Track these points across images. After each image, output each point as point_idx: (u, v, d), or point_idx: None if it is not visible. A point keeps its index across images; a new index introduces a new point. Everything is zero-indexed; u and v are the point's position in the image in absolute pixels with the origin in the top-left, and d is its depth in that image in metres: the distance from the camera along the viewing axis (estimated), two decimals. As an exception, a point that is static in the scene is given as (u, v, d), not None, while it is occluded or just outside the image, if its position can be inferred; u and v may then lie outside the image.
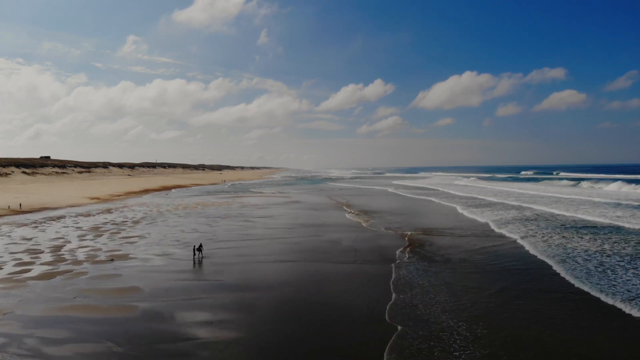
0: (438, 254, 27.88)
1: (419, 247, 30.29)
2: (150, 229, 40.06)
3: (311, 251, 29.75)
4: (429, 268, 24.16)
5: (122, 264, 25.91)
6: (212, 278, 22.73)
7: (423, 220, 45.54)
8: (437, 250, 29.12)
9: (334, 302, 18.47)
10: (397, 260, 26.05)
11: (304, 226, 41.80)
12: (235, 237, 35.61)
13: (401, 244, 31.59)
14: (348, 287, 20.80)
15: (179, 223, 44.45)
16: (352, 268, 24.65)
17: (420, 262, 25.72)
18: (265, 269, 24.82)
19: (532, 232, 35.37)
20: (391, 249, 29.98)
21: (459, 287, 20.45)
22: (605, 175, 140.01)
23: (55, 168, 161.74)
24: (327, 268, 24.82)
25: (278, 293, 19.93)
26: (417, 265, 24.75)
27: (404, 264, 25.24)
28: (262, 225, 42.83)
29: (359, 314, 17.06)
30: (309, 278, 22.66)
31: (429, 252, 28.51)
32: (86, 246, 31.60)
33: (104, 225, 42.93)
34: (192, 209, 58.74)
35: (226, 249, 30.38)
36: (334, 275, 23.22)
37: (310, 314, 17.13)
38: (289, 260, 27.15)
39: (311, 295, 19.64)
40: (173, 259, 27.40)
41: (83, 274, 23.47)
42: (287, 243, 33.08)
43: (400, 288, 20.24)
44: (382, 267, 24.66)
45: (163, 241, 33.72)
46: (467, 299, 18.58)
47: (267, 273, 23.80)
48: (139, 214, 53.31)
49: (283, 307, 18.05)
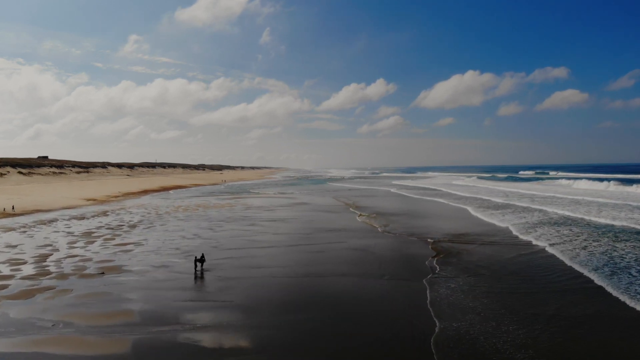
0: (471, 266, 24.55)
1: (447, 257, 27.00)
2: (147, 234, 36.74)
3: (332, 262, 26.32)
4: (467, 284, 20.81)
5: (113, 278, 22.59)
6: (217, 298, 19.38)
7: (440, 224, 42.23)
8: (469, 261, 25.80)
9: (366, 333, 15.14)
10: (429, 274, 22.72)
11: (319, 231, 38.37)
12: (242, 245, 32.26)
13: (427, 253, 28.30)
14: (380, 311, 17.48)
15: (178, 227, 41.14)
16: (381, 285, 21.23)
17: (456, 276, 22.34)
18: (280, 285, 21.39)
19: (559, 239, 32.01)
20: (418, 259, 26.68)
21: (508, 310, 17.14)
22: (606, 175, 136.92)
23: (52, 168, 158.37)
24: (352, 285, 21.40)
25: (299, 319, 16.61)
26: (455, 281, 21.35)
27: (439, 278, 21.91)
28: (271, 230, 39.48)
29: (400, 349, 13.76)
30: (334, 298, 19.20)
31: (461, 264, 25.19)
32: (75, 255, 28.29)
33: (98, 229, 39.61)
34: (192, 212, 55.44)
35: (232, 260, 27.04)
36: (362, 294, 19.80)
37: (342, 352, 13.84)
38: (307, 274, 23.69)
39: (339, 322, 16.29)
40: (172, 271, 24.08)
41: (67, 292, 20.14)
42: (303, 252, 29.67)
43: (445, 312, 16.90)
44: (415, 283, 21.28)
45: (161, 249, 30.41)
46: (534, 328, 15.25)
47: (283, 292, 20.32)
48: (136, 216, 50.01)
49: (307, 339, 14.74)
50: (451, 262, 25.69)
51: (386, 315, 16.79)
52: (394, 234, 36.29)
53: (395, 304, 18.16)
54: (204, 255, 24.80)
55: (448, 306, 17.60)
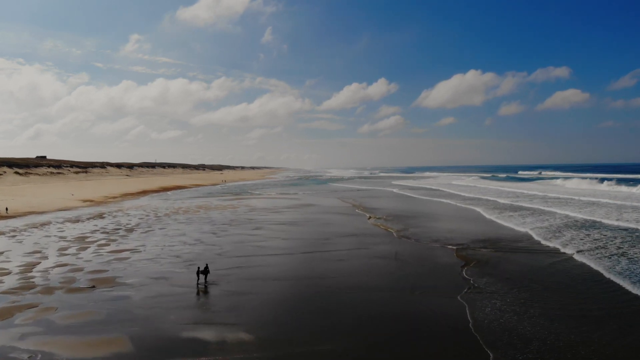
0: (509, 278, 21.80)
1: (478, 267, 24.29)
2: (145, 240, 34.00)
3: (356, 274, 23.50)
4: (516, 302, 18.01)
5: (105, 293, 19.86)
6: (225, 319, 16.65)
7: (456, 228, 39.49)
8: (503, 272, 23.05)
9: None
10: (465, 288, 19.99)
11: (334, 236, 35.41)
12: (249, 252, 29.50)
13: (454, 262, 25.59)
14: (420, 337, 14.76)
15: (179, 231, 38.41)
16: (415, 303, 18.39)
17: (497, 291, 19.55)
18: (298, 303, 18.59)
19: (584, 244, 29.49)
20: (448, 269, 23.95)
21: (582, 339, 14.38)
22: (607, 175, 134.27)
23: (50, 168, 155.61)
24: (383, 302, 18.56)
25: (324, 351, 13.81)
26: (500, 298, 18.56)
27: (479, 294, 19.15)
28: (280, 235, 36.70)
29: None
30: (367, 320, 16.40)
31: (496, 275, 22.41)
32: (65, 264, 25.58)
33: (93, 234, 36.89)
34: (193, 214, 52.70)
35: (240, 270, 24.30)
36: (397, 314, 16.98)
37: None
38: (329, 288, 20.81)
39: (374, 355, 13.59)
40: (172, 284, 21.34)
41: (51, 311, 17.43)
42: (320, 260, 26.81)
43: (499, 340, 14.11)
44: (451, 300, 18.51)
45: (160, 257, 27.69)
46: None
47: (302, 312, 17.50)
48: (134, 219, 47.28)
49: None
50: (485, 272, 22.93)
51: (427, 344, 14.07)
52: (413, 239, 33.52)
53: (434, 327, 15.43)
54: (208, 266, 22.01)
55: (501, 331, 14.82)
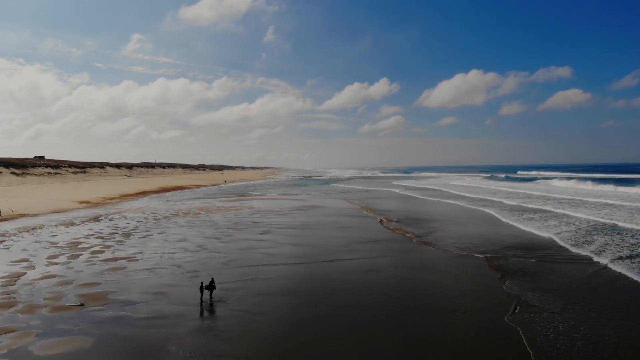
0: (552, 293, 19.12)
1: (516, 279, 21.60)
2: (143, 246, 31.30)
3: (386, 290, 20.78)
4: (585, 325, 15.30)
5: (95, 313, 17.14)
6: (237, 352, 13.82)
7: (476, 232, 36.73)
8: (544, 286, 20.38)
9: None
10: (511, 307, 17.26)
11: (354, 242, 32.55)
12: (258, 260, 26.75)
13: (488, 274, 22.91)
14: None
15: (180, 236, 35.71)
16: (461, 327, 15.63)
17: (551, 310, 16.83)
18: (325, 329, 15.84)
19: (615, 253, 26.84)
20: (484, 282, 21.25)
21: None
22: (609, 176, 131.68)
23: (47, 168, 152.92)
24: (424, 326, 15.89)
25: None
26: (561, 319, 15.81)
27: (527, 313, 16.43)
28: (290, 240, 33.93)
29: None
30: (417, 350, 13.85)
31: (538, 290, 19.68)
32: (53, 275, 22.89)
33: (87, 239, 34.20)
34: (194, 216, 50.00)
35: (250, 282, 21.56)
36: (443, 345, 14.25)
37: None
38: (361, 308, 18.11)
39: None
40: (172, 302, 18.62)
41: (29, 337, 14.69)
42: (343, 272, 23.98)
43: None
44: (498, 323, 15.75)
45: (159, 266, 24.98)
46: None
47: (332, 340, 14.81)
48: (132, 222, 44.59)
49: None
50: (526, 286, 20.22)
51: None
52: (436, 247, 30.75)
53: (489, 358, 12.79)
54: (214, 280, 19.25)
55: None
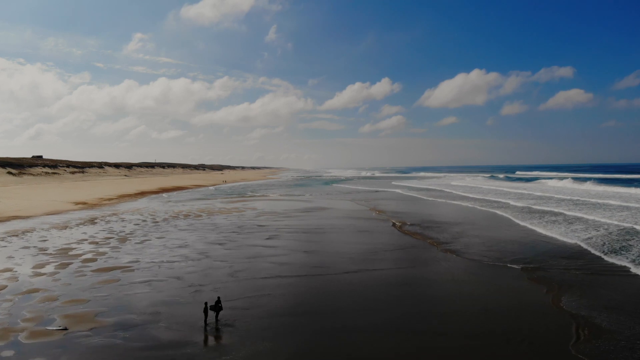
0: (613, 312, 16.50)
1: (563, 295, 18.94)
2: (140, 253, 28.60)
3: (434, 310, 18.10)
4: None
5: (79, 341, 14.43)
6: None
7: (497, 238, 33.95)
8: (598, 303, 17.75)
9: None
10: (572, 332, 14.55)
11: (378, 251, 29.65)
12: (269, 271, 23.92)
13: (530, 288, 20.24)
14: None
15: (180, 241, 33.02)
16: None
17: (618, 330, 14.11)
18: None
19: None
20: (532, 301, 18.57)
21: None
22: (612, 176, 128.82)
23: (45, 168, 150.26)
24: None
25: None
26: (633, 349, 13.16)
27: (596, 339, 13.67)
28: (302, 246, 31.12)
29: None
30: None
31: (595, 308, 17.02)
32: (37, 290, 20.22)
33: (79, 245, 31.53)
34: (195, 218, 47.31)
35: (263, 299, 18.80)
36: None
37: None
38: (415, 337, 15.48)
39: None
40: (171, 327, 15.83)
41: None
42: (382, 283, 21.32)
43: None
44: (565, 356, 12.99)
45: (157, 278, 22.28)
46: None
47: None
48: (129, 225, 41.92)
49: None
50: (578, 304, 17.54)
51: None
52: (463, 256, 27.88)
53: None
54: (220, 300, 16.40)
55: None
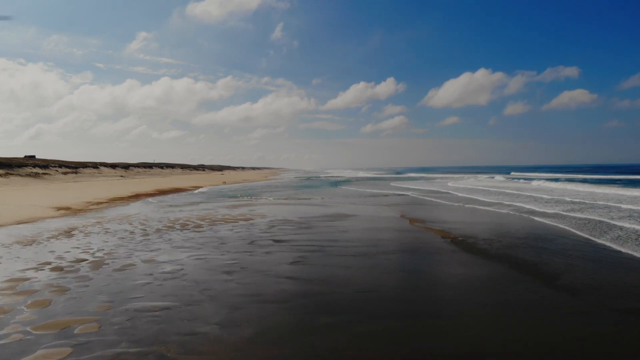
0: None
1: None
2: (115, 290, 19.98)
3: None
4: None
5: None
6: None
7: (592, 267, 25.74)
8: None
9: None
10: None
11: (460, 284, 21.80)
12: (312, 327, 15.41)
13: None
14: None
15: (173, 265, 24.57)
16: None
17: None
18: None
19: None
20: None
21: None
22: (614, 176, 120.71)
23: (35, 168, 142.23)
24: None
25: None
26: None
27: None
28: (346, 275, 21.62)
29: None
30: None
31: None
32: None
33: (37, 272, 23.17)
34: (195, 229, 38.90)
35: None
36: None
37: None
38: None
39: None
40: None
41: None
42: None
43: None
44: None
45: (128, 352, 13.90)
46: None
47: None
48: (113, 239, 33.58)
49: None
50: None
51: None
52: (579, 297, 19.65)
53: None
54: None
55: None
